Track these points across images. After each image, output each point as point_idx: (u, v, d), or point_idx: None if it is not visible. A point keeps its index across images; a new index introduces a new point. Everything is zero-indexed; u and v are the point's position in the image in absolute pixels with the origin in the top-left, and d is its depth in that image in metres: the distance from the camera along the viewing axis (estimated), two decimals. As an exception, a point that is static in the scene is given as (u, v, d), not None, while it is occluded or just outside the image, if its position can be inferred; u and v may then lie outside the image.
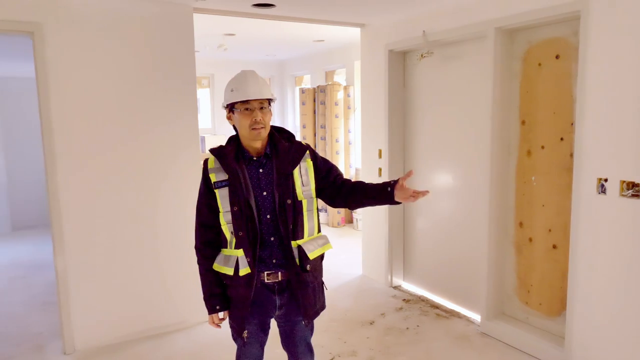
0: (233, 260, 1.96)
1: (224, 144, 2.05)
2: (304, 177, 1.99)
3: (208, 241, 2.05)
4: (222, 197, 1.96)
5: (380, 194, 1.98)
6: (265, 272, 1.99)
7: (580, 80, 2.75)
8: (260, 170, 1.98)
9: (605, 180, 2.67)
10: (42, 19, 3.06)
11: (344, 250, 5.78)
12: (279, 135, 2.05)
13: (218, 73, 7.84)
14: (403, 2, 3.57)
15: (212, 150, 2.03)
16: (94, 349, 3.37)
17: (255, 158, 1.99)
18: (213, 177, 1.98)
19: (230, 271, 1.97)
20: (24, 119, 6.87)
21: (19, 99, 6.89)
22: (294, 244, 1.97)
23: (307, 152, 2.02)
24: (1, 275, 5.05)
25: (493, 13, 3.25)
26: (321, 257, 2.11)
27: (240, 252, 1.95)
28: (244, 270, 1.95)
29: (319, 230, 2.10)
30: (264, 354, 2.17)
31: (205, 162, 2.03)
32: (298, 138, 8.87)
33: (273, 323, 2.17)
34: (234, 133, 2.05)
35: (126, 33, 3.33)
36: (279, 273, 1.99)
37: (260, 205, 1.96)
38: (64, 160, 3.20)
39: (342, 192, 2.07)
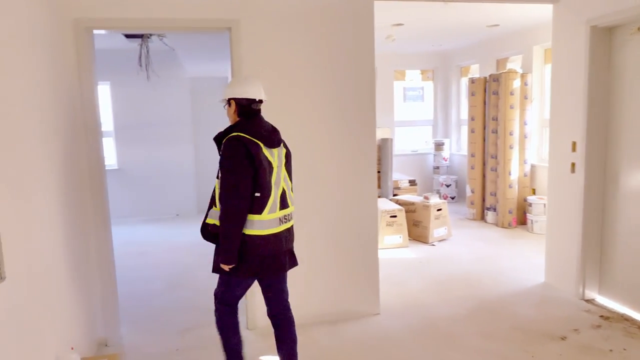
0: None
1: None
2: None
3: None
4: None
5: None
6: None
7: None
8: None
9: None
10: (238, 15, 3.27)
11: (518, 253, 5.24)
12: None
13: (381, 67, 7.79)
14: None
15: None
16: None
17: None
18: None
19: None
20: (210, 114, 7.68)
21: (205, 96, 7.75)
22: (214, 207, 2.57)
23: (222, 145, 2.40)
24: (190, 251, 5.68)
25: None
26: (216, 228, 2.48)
27: None
28: None
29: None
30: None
31: None
32: (465, 131, 8.25)
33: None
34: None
35: (308, 25, 3.40)
36: None
37: None
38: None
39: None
